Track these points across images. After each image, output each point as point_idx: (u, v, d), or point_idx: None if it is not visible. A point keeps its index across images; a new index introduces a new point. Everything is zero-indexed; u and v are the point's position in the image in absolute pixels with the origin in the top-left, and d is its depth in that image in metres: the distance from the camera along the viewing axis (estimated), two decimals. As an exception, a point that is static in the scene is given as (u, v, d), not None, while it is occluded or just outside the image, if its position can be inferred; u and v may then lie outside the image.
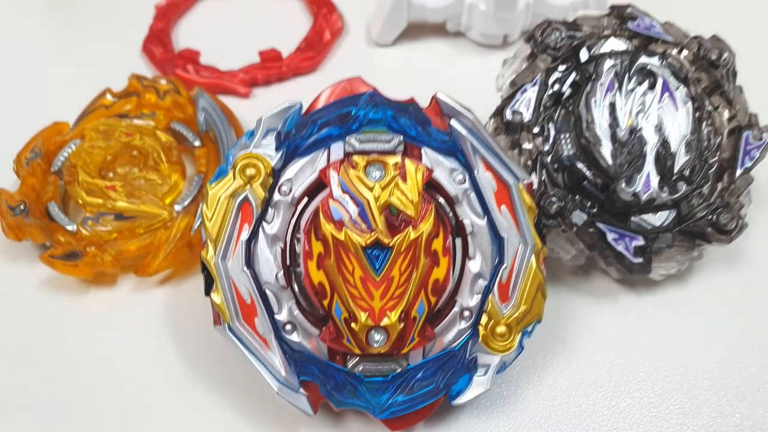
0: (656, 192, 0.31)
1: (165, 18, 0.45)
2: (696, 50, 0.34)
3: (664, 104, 0.32)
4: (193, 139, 0.36)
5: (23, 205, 0.33)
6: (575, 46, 0.33)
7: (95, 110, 0.38)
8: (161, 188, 0.34)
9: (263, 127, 0.27)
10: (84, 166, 0.34)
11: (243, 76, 0.41)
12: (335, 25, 0.44)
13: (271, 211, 0.27)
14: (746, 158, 0.33)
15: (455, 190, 0.27)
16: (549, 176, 0.31)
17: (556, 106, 0.32)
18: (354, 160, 0.26)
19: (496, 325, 0.27)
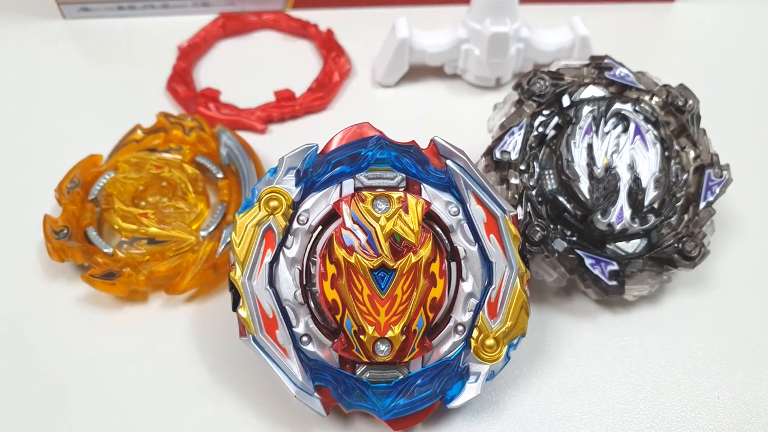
0: (628, 223, 0.35)
1: (187, 58, 0.50)
2: (665, 97, 0.38)
3: (635, 145, 0.36)
4: (216, 171, 0.40)
5: (66, 230, 0.37)
6: (558, 93, 0.37)
7: (127, 144, 0.42)
8: (188, 216, 0.38)
9: (285, 165, 0.31)
10: (119, 195, 0.39)
11: (260, 114, 0.45)
12: (343, 68, 0.49)
13: (290, 237, 0.31)
14: (708, 193, 0.37)
15: (450, 221, 0.31)
16: (533, 208, 0.35)
17: (540, 146, 0.36)
18: (363, 195, 0.30)
19: (486, 338, 0.30)
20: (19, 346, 0.35)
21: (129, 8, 0.54)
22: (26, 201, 0.41)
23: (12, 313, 0.36)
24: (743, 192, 0.41)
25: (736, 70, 0.51)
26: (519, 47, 0.46)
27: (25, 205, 0.41)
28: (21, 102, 0.48)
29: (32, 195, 0.41)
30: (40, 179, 0.42)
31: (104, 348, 0.35)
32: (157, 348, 0.35)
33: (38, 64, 0.51)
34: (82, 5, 0.54)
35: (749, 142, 0.46)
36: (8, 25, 0.54)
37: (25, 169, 0.43)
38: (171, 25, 0.53)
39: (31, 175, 0.43)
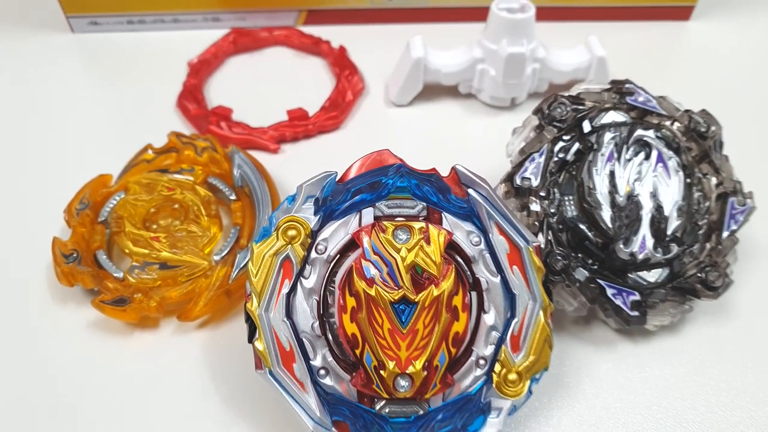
0: (651, 252, 0.34)
1: (198, 75, 0.49)
2: (687, 123, 0.37)
3: (658, 173, 0.35)
4: (228, 193, 0.40)
5: (76, 254, 0.36)
6: (579, 118, 0.36)
7: (138, 164, 0.41)
8: (201, 240, 0.37)
9: (303, 193, 0.30)
10: (130, 217, 0.38)
11: (272, 133, 0.45)
12: (356, 86, 0.48)
13: (308, 267, 0.30)
14: (732, 222, 0.36)
15: (472, 251, 0.30)
16: (554, 236, 0.35)
17: (561, 171, 0.36)
18: (384, 225, 0.30)
19: (508, 372, 0.30)
20: (27, 372, 0.34)
21: (138, 22, 0.54)
22: (35, 222, 0.40)
23: (21, 338, 0.36)
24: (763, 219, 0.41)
25: (753, 90, 0.51)
26: (535, 67, 0.46)
27: (33, 226, 0.40)
28: (28, 118, 0.48)
29: (41, 216, 0.40)
30: (49, 199, 0.41)
31: (114, 375, 0.34)
32: (168, 376, 0.34)
33: (46, 79, 0.51)
34: (91, 19, 0.53)
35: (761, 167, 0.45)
36: (16, 38, 0.54)
37: (34, 189, 0.42)
38: (181, 40, 0.53)
39: (40, 194, 0.42)
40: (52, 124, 0.47)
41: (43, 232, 0.39)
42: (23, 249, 0.39)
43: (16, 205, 0.42)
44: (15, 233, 0.40)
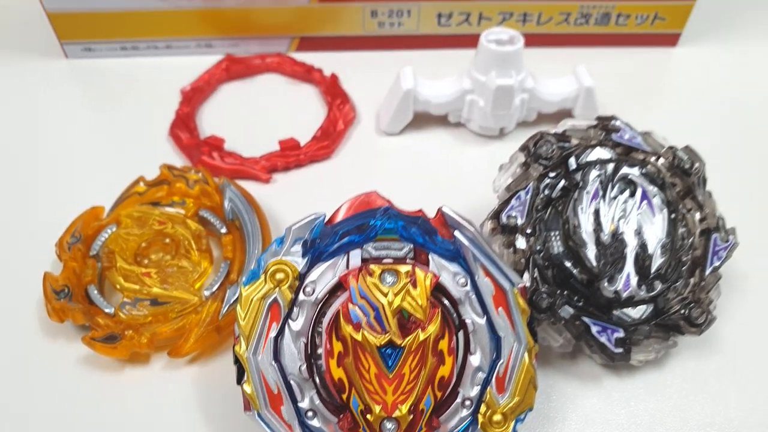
0: (635, 290, 0.35)
1: (190, 103, 0.50)
2: (671, 159, 0.38)
3: (642, 210, 0.36)
4: (219, 226, 0.40)
5: (67, 290, 0.37)
6: (565, 155, 0.37)
7: (129, 197, 0.42)
8: (192, 275, 0.38)
9: (292, 236, 0.31)
10: (121, 252, 0.38)
11: (264, 164, 0.45)
12: (348, 116, 0.49)
13: (296, 309, 0.30)
14: (715, 258, 0.37)
15: (458, 293, 0.31)
16: (540, 273, 0.35)
17: (546, 207, 0.37)
18: (371, 268, 0.30)
19: (494, 413, 0.30)
20: (17, 409, 0.35)
21: (132, 48, 0.54)
22: (26, 255, 0.41)
23: (10, 374, 0.36)
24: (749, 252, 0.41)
25: (738, 115, 0.52)
26: (524, 98, 0.47)
27: (25, 259, 0.40)
28: (21, 146, 0.48)
29: (32, 248, 0.41)
30: (40, 231, 0.41)
31: (105, 411, 0.35)
32: (158, 412, 0.35)
33: (39, 105, 0.51)
34: (85, 45, 0.54)
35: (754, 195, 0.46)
36: (9, 63, 0.54)
37: (26, 220, 0.43)
38: (174, 66, 0.54)
39: (31, 226, 0.42)
40: (44, 153, 0.48)
41: (34, 266, 0.39)
42: (14, 283, 0.39)
43: (6, 236, 0.42)
44: (5, 266, 0.40)
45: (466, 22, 0.54)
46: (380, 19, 0.53)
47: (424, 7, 0.52)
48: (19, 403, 0.35)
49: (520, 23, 0.54)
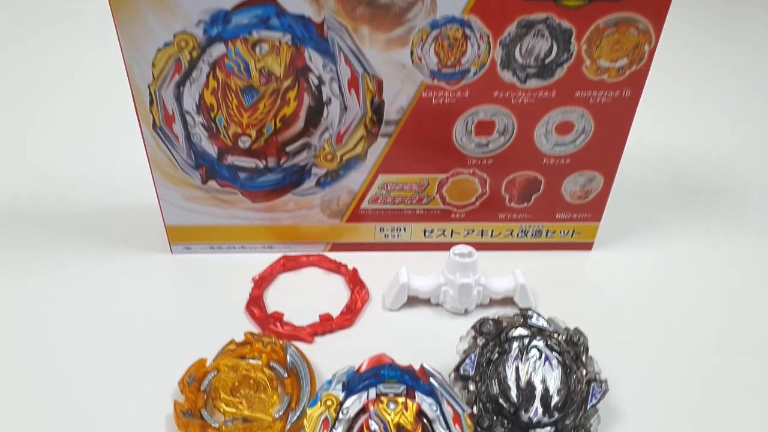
0: (541, 417, 0.57)
1: (259, 287, 0.74)
2: (566, 335, 0.61)
3: (546, 367, 0.59)
4: (283, 373, 0.63)
5: (189, 411, 0.58)
6: (498, 332, 0.61)
7: (225, 352, 0.64)
8: (267, 403, 0.60)
9: (336, 379, 0.54)
10: (223, 388, 0.60)
11: (309, 330, 0.68)
12: (364, 297, 0.73)
13: (337, 424, 0.52)
14: (593, 398, 0.59)
15: (433, 415, 0.53)
16: (483, 406, 0.57)
17: (488, 365, 0.59)
18: (381, 399, 0.53)
19: (452, 489, 0.51)
20: (154, 489, 0.55)
21: (218, 248, 0.79)
22: (156, 390, 0.62)
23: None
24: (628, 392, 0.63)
25: (628, 302, 0.74)
26: (479, 290, 0.70)
27: (155, 393, 0.62)
28: (145, 315, 0.70)
29: (159, 386, 0.62)
30: (167, 376, 0.63)
31: (210, 492, 0.55)
32: (244, 492, 0.55)
33: (152, 288, 0.74)
34: (186, 245, 0.79)
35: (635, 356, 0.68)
36: (132, 255, 0.79)
37: (154, 368, 0.65)
38: (247, 262, 0.77)
39: (157, 371, 0.64)
40: (157, 323, 0.69)
41: (161, 393, 0.60)
42: (150, 407, 0.60)
43: (141, 378, 0.63)
44: (143, 398, 0.62)
45: (443, 235, 0.79)
46: (386, 233, 0.77)
47: (414, 226, 0.78)
48: (156, 485, 0.55)
49: (479, 236, 0.79)
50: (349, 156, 0.70)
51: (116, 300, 0.72)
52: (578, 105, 0.68)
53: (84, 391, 0.62)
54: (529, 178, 0.74)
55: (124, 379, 0.63)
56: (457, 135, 0.69)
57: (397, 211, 0.76)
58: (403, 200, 0.75)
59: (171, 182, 0.72)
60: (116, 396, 0.61)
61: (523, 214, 0.77)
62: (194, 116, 0.66)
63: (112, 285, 0.74)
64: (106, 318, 0.70)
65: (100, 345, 0.67)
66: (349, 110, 0.66)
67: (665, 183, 0.98)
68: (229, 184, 0.72)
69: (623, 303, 0.72)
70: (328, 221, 0.76)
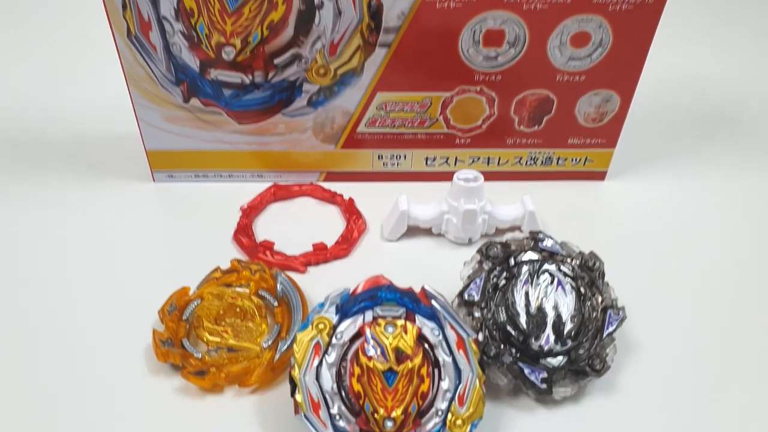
0: (553, 345, 0.52)
1: (248, 216, 0.69)
2: (580, 260, 0.56)
3: (558, 292, 0.53)
4: (272, 301, 0.58)
5: (169, 340, 0.54)
6: (506, 255, 0.55)
7: (210, 280, 0.59)
8: (255, 333, 0.55)
9: (329, 301, 0.49)
10: (206, 316, 0.56)
11: (302, 259, 0.63)
12: (361, 227, 0.68)
13: (330, 349, 0.47)
14: (609, 326, 0.54)
15: (434, 340, 0.48)
16: (490, 334, 0.52)
17: (494, 291, 0.54)
18: (378, 321, 0.48)
19: (457, 419, 0.46)
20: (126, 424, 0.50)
21: (203, 176, 0.74)
22: (136, 317, 0.57)
23: (124, 398, 0.51)
24: (645, 324, 0.59)
25: (643, 233, 0.70)
26: (484, 218, 0.65)
27: (135, 320, 0.57)
28: (120, 247, 0.65)
29: (140, 314, 0.57)
30: (145, 305, 0.58)
31: (191, 425, 0.50)
32: (230, 426, 0.50)
33: (134, 217, 0.69)
34: (169, 173, 0.73)
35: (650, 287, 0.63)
36: (113, 185, 0.74)
37: (135, 295, 0.60)
38: (234, 191, 0.72)
39: (138, 302, 0.59)
40: (139, 252, 0.65)
41: (142, 324, 0.56)
42: (129, 336, 0.56)
43: (122, 305, 0.59)
44: (122, 325, 0.57)
45: (446, 163, 0.74)
46: (384, 161, 0.72)
47: (415, 153, 0.72)
48: (129, 420, 0.50)
49: (485, 164, 0.74)
50: (343, 70, 0.64)
51: (95, 230, 0.68)
52: (596, 13, 0.62)
53: (61, 322, 0.58)
54: (540, 97, 0.68)
55: (103, 310, 0.59)
56: (463, 46, 0.63)
57: (396, 136, 0.70)
58: (403, 123, 0.69)
59: (150, 100, 0.66)
60: (94, 328, 0.57)
61: (533, 139, 0.72)
62: (172, 23, 0.60)
63: (92, 214, 0.70)
64: (85, 248, 0.66)
65: (79, 275, 0.63)
66: (343, 15, 0.60)
67: (681, 111, 0.92)
68: (213, 103, 0.66)
69: (637, 235, 0.70)
70: (321, 146, 0.71)
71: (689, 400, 0.53)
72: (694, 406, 0.53)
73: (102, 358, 0.55)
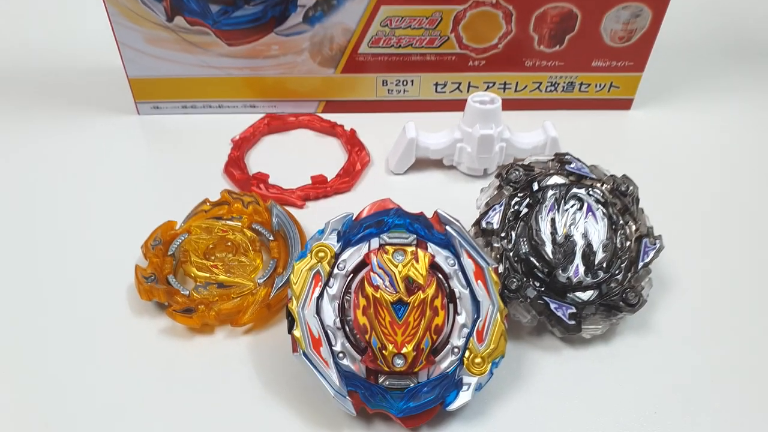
0: (583, 277, 0.46)
1: (240, 149, 0.63)
2: (612, 184, 0.50)
3: (588, 219, 0.48)
4: (268, 235, 0.52)
5: (153, 276, 0.48)
6: (529, 180, 0.49)
7: (198, 213, 0.54)
8: (248, 268, 0.49)
9: (330, 227, 0.43)
10: (194, 251, 0.50)
11: (299, 193, 0.58)
12: (364, 159, 0.61)
13: (332, 280, 0.42)
14: (645, 256, 0.48)
15: (449, 270, 0.42)
16: (511, 265, 0.47)
17: (516, 220, 0.48)
18: (386, 248, 0.42)
19: (475, 357, 0.41)
20: (110, 368, 0.45)
21: (191, 107, 0.67)
22: (119, 255, 0.52)
23: (106, 341, 0.47)
24: (679, 259, 0.53)
25: (673, 163, 0.64)
26: (502, 145, 0.59)
27: (118, 257, 0.52)
28: (104, 181, 0.60)
29: (123, 250, 0.52)
30: (128, 238, 0.53)
31: (178, 369, 0.45)
32: (221, 368, 0.45)
33: (117, 152, 0.64)
34: (154, 104, 0.67)
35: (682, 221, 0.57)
36: (94, 117, 0.67)
37: (117, 231, 0.54)
38: (225, 122, 0.66)
39: (121, 235, 0.54)
40: (124, 186, 0.60)
41: (126, 263, 0.51)
42: (111, 274, 0.50)
43: (104, 242, 0.53)
44: (104, 263, 0.52)
45: (458, 89, 0.67)
46: (389, 87, 0.67)
47: (424, 77, 0.66)
48: (112, 364, 0.45)
49: (501, 90, 0.67)
50: (343, -21, 0.57)
51: (77, 165, 0.62)
52: None
53: (41, 261, 0.53)
54: (563, 11, 0.61)
55: (85, 248, 0.54)
56: (476, -51, 0.56)
57: (403, 58, 0.64)
58: (410, 42, 0.62)
59: (130, 19, 0.59)
60: (74, 266, 0.52)
61: (553, 61, 0.65)
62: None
63: (73, 150, 0.64)
64: (66, 184, 0.60)
65: (60, 213, 0.57)
66: None
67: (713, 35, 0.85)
68: (200, 21, 0.60)
69: (666, 168, 0.65)
70: (320, 71, 0.64)
71: (729, 341, 0.48)
72: (735, 348, 0.47)
73: (82, 298, 0.50)
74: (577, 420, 0.43)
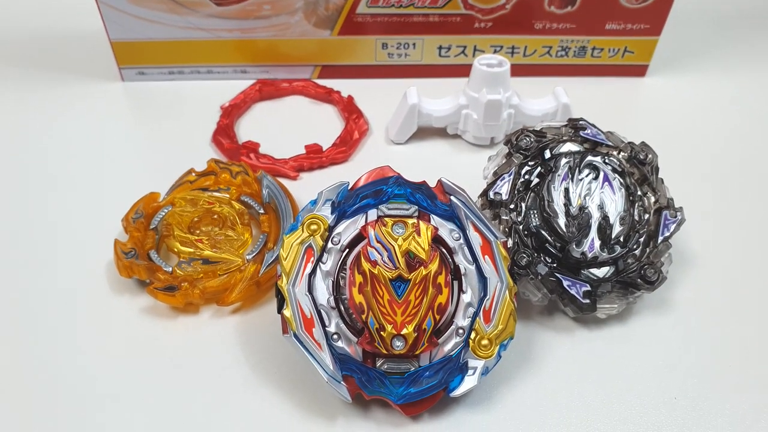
0: (598, 252, 0.42)
1: (229, 116, 0.59)
2: (629, 152, 0.46)
3: (604, 190, 0.44)
4: (258, 208, 0.48)
5: (133, 251, 0.45)
6: (541, 147, 0.45)
7: (182, 184, 0.50)
8: (236, 242, 0.46)
9: (323, 197, 0.39)
10: (178, 224, 0.46)
11: (293, 164, 0.54)
12: (362, 128, 0.58)
13: (326, 255, 0.38)
14: (665, 230, 0.44)
15: (453, 244, 0.39)
16: (521, 239, 0.43)
17: (526, 190, 0.45)
18: (385, 220, 0.38)
19: (481, 339, 0.37)
20: (90, 348, 0.42)
21: (178, 73, 0.63)
22: (97, 229, 0.49)
23: (85, 321, 0.43)
24: (699, 233, 0.49)
25: (691, 133, 0.60)
26: (510, 112, 0.55)
27: (96, 232, 0.48)
28: (87, 151, 0.57)
29: (102, 225, 0.49)
30: (108, 212, 0.49)
31: (162, 350, 0.42)
32: (206, 350, 0.42)
33: (101, 120, 0.60)
34: (139, 69, 0.63)
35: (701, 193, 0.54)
36: (75, 84, 0.64)
37: (96, 204, 0.51)
38: (214, 88, 0.63)
39: (101, 209, 0.50)
40: (107, 156, 0.56)
41: (105, 237, 0.47)
42: (89, 250, 0.47)
43: (82, 217, 0.50)
44: (82, 238, 0.48)
45: (463, 53, 0.63)
46: (389, 51, 0.63)
47: (427, 40, 0.62)
48: (92, 344, 0.42)
49: (509, 55, 0.63)
50: (339, -70, 0.53)
51: (58, 134, 0.59)
52: None
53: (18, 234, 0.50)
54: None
55: (64, 221, 0.51)
56: None
57: (404, 18, 0.60)
58: (412, 1, 0.58)
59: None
60: (51, 240, 0.49)
61: (565, 23, 0.61)
62: None
63: (54, 118, 0.61)
64: (47, 154, 0.57)
65: (39, 183, 0.54)
66: None
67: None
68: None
69: (683, 138, 0.61)
70: (315, 33, 0.60)
71: (754, 321, 0.44)
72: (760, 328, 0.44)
73: (59, 275, 0.46)
74: (591, 406, 0.40)
